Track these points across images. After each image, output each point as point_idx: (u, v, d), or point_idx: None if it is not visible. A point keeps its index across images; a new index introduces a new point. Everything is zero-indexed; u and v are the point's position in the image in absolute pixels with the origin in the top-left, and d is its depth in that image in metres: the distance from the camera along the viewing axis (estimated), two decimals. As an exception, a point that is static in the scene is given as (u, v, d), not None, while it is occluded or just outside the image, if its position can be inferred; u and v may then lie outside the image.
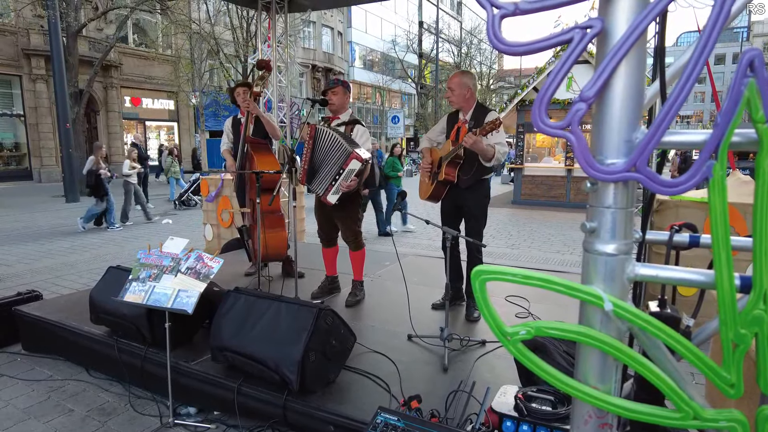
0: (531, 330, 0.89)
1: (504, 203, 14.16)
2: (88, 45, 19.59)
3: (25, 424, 2.75)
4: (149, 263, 2.81)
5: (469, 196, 3.54)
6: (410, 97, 42.50)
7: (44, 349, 3.65)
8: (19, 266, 6.61)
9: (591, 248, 0.98)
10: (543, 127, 0.86)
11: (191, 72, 22.07)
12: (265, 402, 2.56)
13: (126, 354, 3.11)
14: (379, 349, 3.02)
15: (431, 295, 3.92)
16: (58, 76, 14.08)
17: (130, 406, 2.91)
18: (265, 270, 4.57)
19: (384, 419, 1.78)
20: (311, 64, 32.19)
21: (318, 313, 2.55)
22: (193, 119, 25.54)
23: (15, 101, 19.37)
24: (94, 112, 21.32)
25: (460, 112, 3.58)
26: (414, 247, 7.74)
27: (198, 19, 21.11)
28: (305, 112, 4.96)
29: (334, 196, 3.55)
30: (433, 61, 35.13)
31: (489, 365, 2.85)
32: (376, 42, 39.09)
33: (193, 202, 12.87)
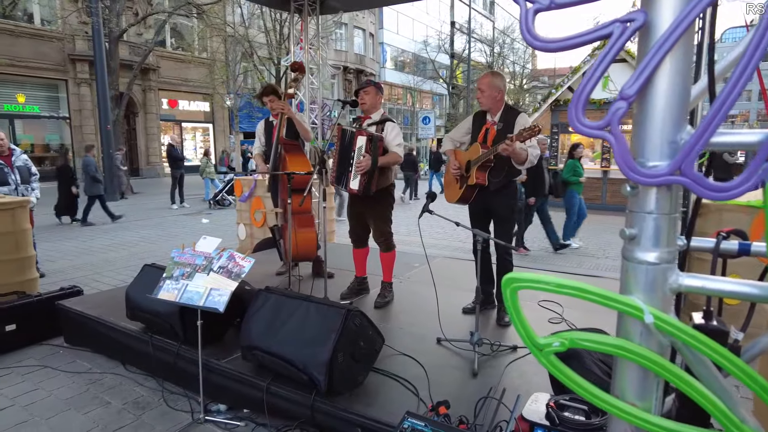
0: (565, 342, 0.85)
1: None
2: (129, 49, 20.23)
3: (66, 414, 2.85)
4: (183, 262, 2.87)
5: (499, 199, 3.48)
6: (441, 98, 42.24)
7: (84, 343, 3.78)
8: (61, 262, 6.88)
9: (631, 256, 0.92)
10: (580, 128, 0.82)
11: (226, 74, 22.55)
12: (293, 402, 2.57)
13: (160, 350, 3.19)
14: (408, 352, 3.00)
15: (461, 299, 3.86)
16: (100, 80, 14.64)
17: (164, 401, 2.97)
18: (295, 270, 4.60)
19: (411, 424, 1.76)
20: (343, 66, 32.39)
21: (346, 315, 2.54)
22: (228, 121, 26.08)
23: (61, 104, 20.19)
24: (133, 114, 22.02)
25: (488, 113, 3.52)
26: (443, 249, 7.67)
27: (233, 22, 21.55)
28: (336, 114, 4.98)
29: (355, 182, 3.59)
30: (464, 61, 34.83)
31: (520, 371, 2.79)
32: (408, 43, 39.02)
33: (227, 201, 13.14)
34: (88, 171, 10.20)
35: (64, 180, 10.01)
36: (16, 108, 18.83)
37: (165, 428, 2.67)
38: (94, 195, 10.17)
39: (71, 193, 9.99)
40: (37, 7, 19.15)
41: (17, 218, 4.17)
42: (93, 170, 10.24)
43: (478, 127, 3.55)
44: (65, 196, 10.07)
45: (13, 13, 18.69)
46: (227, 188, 13.22)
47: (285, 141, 4.24)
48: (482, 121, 3.54)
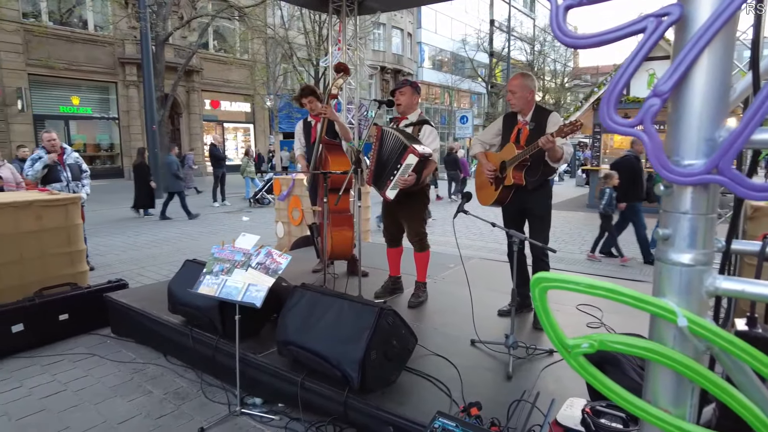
0: (594, 343, 0.83)
1: (578, 207, 13.55)
2: (174, 52, 20.93)
3: (113, 401, 3.00)
4: (222, 258, 2.96)
5: (534, 198, 3.43)
6: (480, 97, 41.77)
7: (129, 334, 3.95)
8: (109, 256, 7.20)
9: (664, 257, 0.89)
10: (612, 125, 0.80)
11: (266, 76, 23.03)
12: (326, 398, 2.61)
13: (199, 343, 3.29)
14: (441, 352, 2.99)
15: (497, 301, 3.81)
16: (147, 82, 15.25)
17: (202, 392, 3.07)
18: (330, 268, 4.66)
19: (442, 424, 1.75)
20: (380, 66, 32.50)
21: (379, 313, 2.56)
22: (268, 121, 26.62)
23: (111, 106, 21.11)
24: (177, 114, 22.77)
25: (519, 114, 3.47)
26: (479, 250, 7.59)
27: (273, 24, 21.99)
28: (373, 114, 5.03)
29: (393, 192, 3.57)
30: (504, 59, 34.32)
31: (555, 376, 2.73)
32: (446, 42, 38.77)
33: (267, 200, 13.43)
34: (170, 169, 10.95)
35: (141, 177, 10.96)
36: (71, 110, 19.84)
37: (203, 419, 2.76)
38: (174, 191, 10.95)
39: (149, 188, 10.93)
40: (91, 13, 20.10)
41: (69, 213, 4.39)
42: (174, 168, 10.98)
43: (510, 128, 3.51)
44: (143, 191, 11.01)
45: (70, 20, 19.69)
46: (267, 187, 13.53)
47: (326, 141, 4.29)
48: (513, 122, 3.50)
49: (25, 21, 17.94)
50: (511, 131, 3.47)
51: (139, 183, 11.13)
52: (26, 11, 18.26)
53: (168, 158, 11.23)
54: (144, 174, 11.07)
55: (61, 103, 19.54)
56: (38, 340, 3.79)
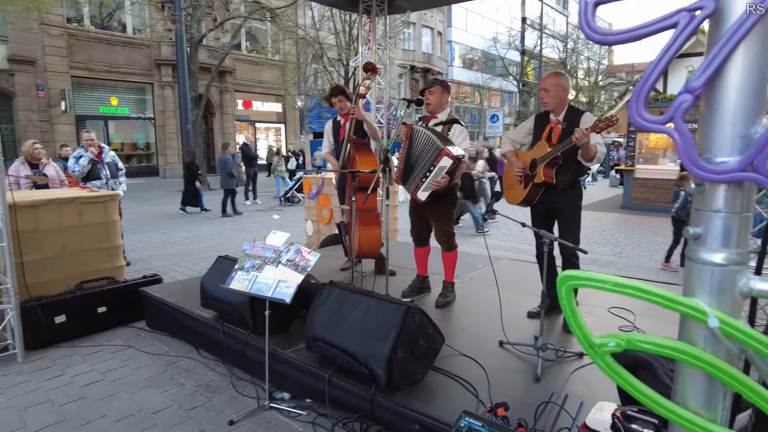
0: (621, 342, 0.82)
1: (612, 207, 13.23)
2: (207, 53, 21.40)
3: (147, 391, 3.10)
4: (253, 254, 3.02)
5: (564, 198, 3.37)
6: (511, 96, 41.22)
7: (163, 327, 4.07)
8: (144, 252, 7.43)
9: (695, 256, 0.87)
10: (641, 122, 0.78)
11: (297, 76, 23.31)
12: (353, 395, 2.63)
13: (230, 338, 3.37)
14: (468, 353, 2.97)
15: (526, 303, 3.76)
16: (181, 83, 15.68)
17: (232, 386, 3.14)
18: (358, 266, 4.69)
19: (467, 423, 1.75)
20: (410, 65, 32.45)
21: (406, 312, 2.57)
22: (299, 121, 26.94)
23: (147, 106, 21.76)
24: (210, 114, 23.28)
25: (551, 113, 3.41)
26: (509, 251, 7.50)
27: (304, 24, 22.23)
28: (402, 113, 5.01)
29: (424, 193, 3.55)
30: (536, 57, 33.77)
31: (585, 379, 2.68)
32: (477, 40, 38.41)
33: (297, 199, 13.62)
34: (225, 167, 11.43)
35: (189, 175, 11.55)
36: (109, 110, 20.55)
37: (233, 412, 2.82)
38: (229, 188, 11.44)
39: (195, 186, 11.48)
40: (129, 17, 20.76)
41: (108, 210, 4.56)
42: (229, 166, 11.48)
43: (542, 127, 3.46)
44: (190, 189, 11.58)
45: (110, 24, 20.39)
46: (297, 186, 13.71)
47: (354, 140, 4.32)
48: (545, 122, 3.45)
49: (69, 26, 18.68)
50: (543, 130, 3.43)
51: (186, 181, 11.75)
52: (70, 16, 19.01)
53: (223, 157, 11.72)
54: (192, 173, 11.61)
55: (101, 104, 20.26)
56: (79, 331, 3.95)
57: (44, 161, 5.97)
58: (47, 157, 6.19)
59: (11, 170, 5.62)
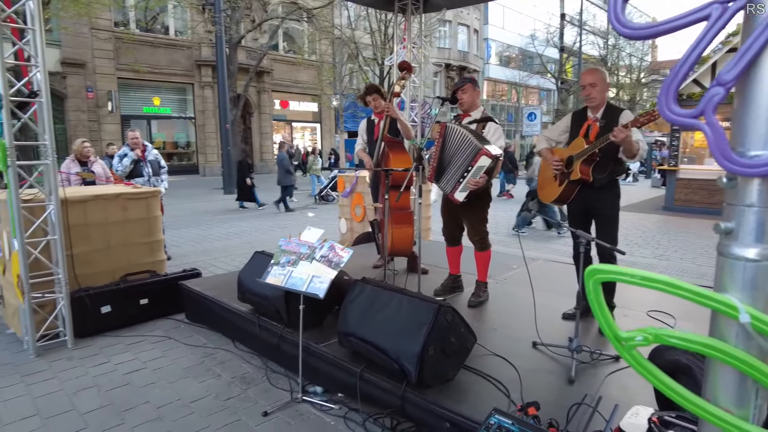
0: (649, 336, 0.80)
1: (653, 209, 12.80)
2: (246, 54, 21.87)
3: (185, 381, 3.21)
4: (289, 250, 3.08)
5: (602, 197, 3.29)
6: (549, 93, 40.41)
7: (201, 320, 4.21)
8: (184, 247, 7.68)
9: (726, 251, 0.85)
10: (669, 116, 0.76)
11: (333, 76, 23.55)
12: (384, 390, 2.65)
13: (265, 331, 3.45)
14: (501, 353, 2.95)
15: (561, 304, 3.70)
16: (221, 83, 16.11)
17: (267, 378, 3.22)
18: (391, 264, 4.71)
19: (498, 421, 1.74)
20: (445, 64, 32.28)
21: (438, 309, 2.57)
22: (334, 120, 27.22)
23: (188, 106, 22.44)
24: (248, 114, 23.79)
25: (590, 110, 3.34)
26: (545, 251, 7.37)
27: (340, 24, 22.43)
28: (436, 111, 5.00)
29: (462, 194, 3.52)
30: (575, 54, 32.98)
31: (621, 383, 2.62)
32: (514, 38, 37.82)
33: (331, 197, 13.78)
34: (283, 165, 11.98)
35: (242, 172, 12.19)
36: (152, 110, 21.31)
37: (267, 403, 2.89)
38: (285, 185, 12.03)
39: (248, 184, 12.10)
40: (172, 20, 21.46)
41: (150, 206, 4.73)
42: (286, 164, 12.04)
43: (578, 125, 3.38)
44: (243, 186, 12.20)
45: (154, 26, 21.13)
46: (331, 184, 13.87)
47: (388, 138, 4.34)
48: (583, 119, 3.37)
49: (116, 29, 19.47)
50: (580, 128, 3.35)
51: (239, 179, 12.31)
52: (117, 20, 19.81)
53: (281, 155, 12.30)
54: (243, 170, 12.17)
55: (145, 104, 21.03)
56: (122, 322, 4.13)
57: (92, 159, 6.25)
58: (95, 154, 6.48)
59: (63, 167, 5.90)
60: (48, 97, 3.58)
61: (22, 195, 3.58)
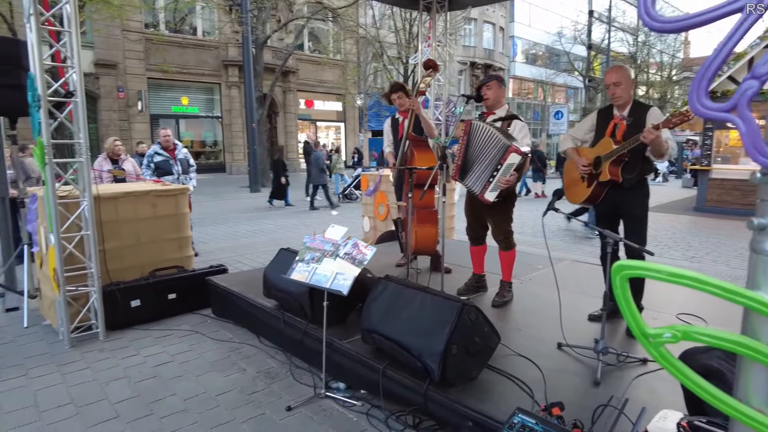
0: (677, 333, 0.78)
1: (684, 210, 12.46)
2: (271, 54, 22.13)
3: (211, 375, 3.28)
4: (313, 247, 3.12)
5: (631, 197, 3.22)
6: (576, 92, 39.70)
7: (227, 315, 4.28)
8: (211, 244, 7.82)
9: (760, 248, 0.83)
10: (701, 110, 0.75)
11: (357, 75, 23.64)
12: (407, 388, 2.65)
13: (290, 327, 3.49)
14: (525, 353, 2.92)
15: (587, 305, 3.64)
16: (247, 83, 16.36)
17: (291, 373, 3.26)
18: (414, 263, 4.71)
19: (521, 420, 1.72)
20: (470, 62, 32.05)
21: (461, 308, 2.56)
22: (358, 120, 27.32)
23: (215, 105, 22.84)
24: (274, 113, 24.07)
25: (615, 108, 3.26)
26: (571, 252, 7.26)
27: (365, 23, 22.49)
28: (461, 109, 4.97)
29: (493, 194, 3.47)
30: (603, 52, 32.32)
31: (649, 387, 2.56)
32: (540, 35, 37.30)
33: (355, 195, 13.85)
34: (318, 164, 12.26)
35: (277, 171, 12.52)
36: (181, 109, 21.76)
37: (290, 398, 2.93)
38: (319, 184, 12.32)
39: (281, 182, 12.35)
40: (200, 20, 21.87)
41: (179, 203, 4.84)
42: (321, 163, 12.31)
43: (605, 123, 3.31)
44: (277, 184, 12.51)
45: (182, 27, 21.57)
46: (355, 183, 13.94)
47: (413, 137, 4.33)
48: (609, 117, 3.30)
49: (146, 31, 19.95)
50: (606, 127, 3.28)
51: (275, 177, 12.63)
52: (147, 22, 20.29)
53: (316, 154, 12.60)
54: (278, 169, 12.46)
55: (173, 104, 21.49)
56: (151, 316, 4.23)
57: (123, 157, 6.42)
58: (126, 153, 6.66)
59: (95, 165, 6.08)
60: (83, 97, 3.70)
61: (58, 191, 3.70)
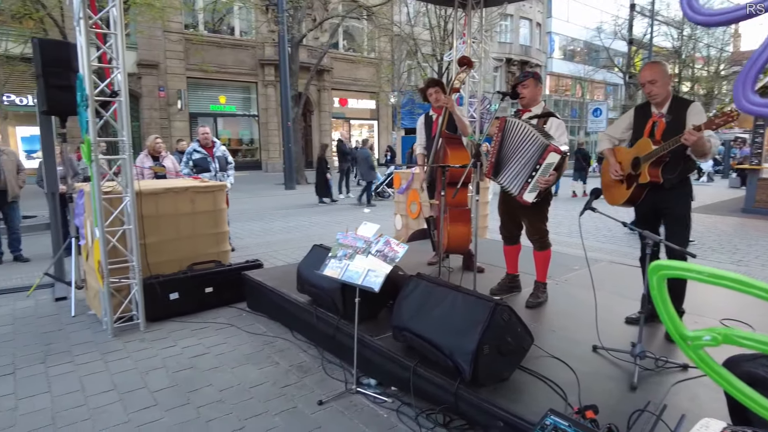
0: (718, 336, 0.76)
1: (730, 211, 11.93)
2: (307, 52, 22.39)
3: (246, 367, 3.36)
4: (346, 244, 3.15)
5: (673, 197, 3.10)
6: (616, 88, 38.57)
7: (262, 309, 4.37)
8: (247, 239, 7.99)
9: None
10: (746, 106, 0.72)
11: (391, 73, 23.64)
12: (438, 386, 2.65)
13: (322, 322, 3.54)
14: (559, 355, 2.86)
15: (625, 308, 3.53)
16: (283, 82, 16.62)
17: (322, 368, 3.30)
18: (446, 261, 4.68)
19: (553, 422, 1.69)
20: (506, 58, 31.58)
21: (494, 308, 2.53)
22: (391, 118, 27.34)
23: (252, 104, 23.30)
24: (309, 112, 24.36)
25: (653, 105, 3.14)
26: (609, 253, 7.07)
27: (399, 21, 22.46)
28: (496, 107, 4.88)
29: (532, 194, 3.40)
30: (645, 47, 31.24)
31: (690, 393, 2.47)
32: (579, 30, 36.39)
33: (387, 193, 13.87)
34: (367, 161, 12.72)
35: (321, 168, 12.93)
36: (218, 108, 22.30)
37: (322, 392, 2.97)
38: (368, 180, 12.73)
39: (326, 179, 12.84)
40: (237, 21, 22.34)
41: (216, 199, 4.96)
42: (370, 160, 12.78)
43: (643, 121, 3.19)
44: (322, 181, 12.92)
45: (221, 28, 22.09)
46: (387, 181, 13.97)
47: (446, 134, 4.31)
48: (647, 115, 3.17)
49: (186, 31, 20.52)
50: (645, 125, 3.16)
51: (318, 174, 12.94)
52: (187, 23, 20.87)
53: (364, 152, 13.06)
54: (322, 166, 12.80)
55: (211, 102, 22.06)
56: (189, 308, 4.36)
57: (163, 154, 6.64)
58: (166, 150, 6.88)
59: (137, 162, 6.31)
60: (126, 97, 3.84)
61: (102, 187, 3.85)
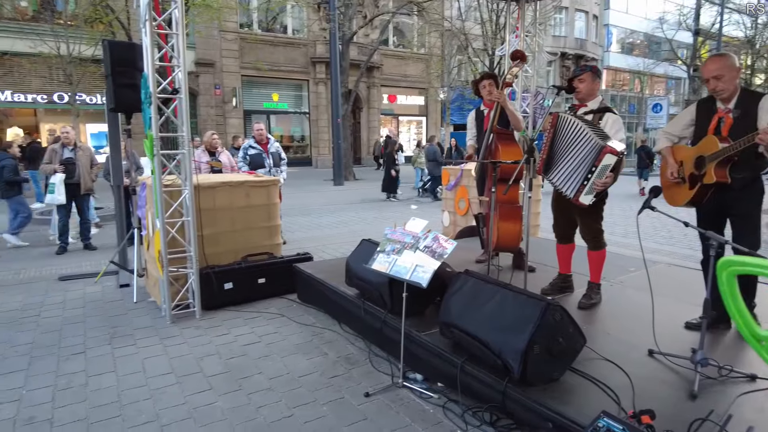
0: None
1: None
2: (357, 50, 22.56)
3: (295, 357, 3.45)
4: (394, 239, 3.17)
5: (742, 196, 2.90)
6: (678, 82, 36.58)
7: (311, 301, 4.47)
8: (298, 233, 8.18)
9: None
10: None
11: (441, 68, 23.45)
12: (485, 384, 2.62)
13: (370, 315, 3.58)
14: (612, 358, 2.77)
15: (684, 313, 3.36)
16: (333, 79, 16.86)
17: (369, 361, 3.34)
18: (495, 260, 4.61)
19: (606, 425, 1.64)
20: (560, 52, 30.61)
21: (546, 307, 2.48)
22: (440, 114, 27.15)
23: (303, 101, 23.76)
24: (358, 109, 24.56)
25: (719, 100, 2.94)
26: (668, 255, 6.74)
27: (450, 16, 22.23)
28: (550, 102, 4.76)
29: (588, 197, 3.28)
30: (713, 37, 29.42)
31: (757, 405, 2.33)
32: (639, 22, 34.72)
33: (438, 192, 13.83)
34: (435, 157, 12.96)
35: (388, 164, 13.36)
36: (271, 105, 22.90)
37: (368, 385, 3.01)
38: (435, 175, 12.91)
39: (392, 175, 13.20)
40: (290, 19, 22.82)
41: (270, 194, 5.11)
42: (438, 156, 13.04)
43: (707, 117, 2.98)
44: (388, 177, 13.33)
45: (274, 26, 22.64)
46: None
47: (498, 130, 4.23)
48: (711, 110, 2.96)
49: (241, 30, 21.16)
50: (709, 121, 2.96)
51: (387, 170, 13.38)
52: (242, 22, 21.52)
53: (431, 147, 13.27)
54: (388, 162, 13.18)
55: (264, 100, 22.67)
56: (242, 298, 4.52)
57: (219, 150, 6.89)
58: (222, 145, 7.14)
59: (195, 157, 6.58)
60: (186, 94, 4.02)
61: (163, 180, 4.05)
